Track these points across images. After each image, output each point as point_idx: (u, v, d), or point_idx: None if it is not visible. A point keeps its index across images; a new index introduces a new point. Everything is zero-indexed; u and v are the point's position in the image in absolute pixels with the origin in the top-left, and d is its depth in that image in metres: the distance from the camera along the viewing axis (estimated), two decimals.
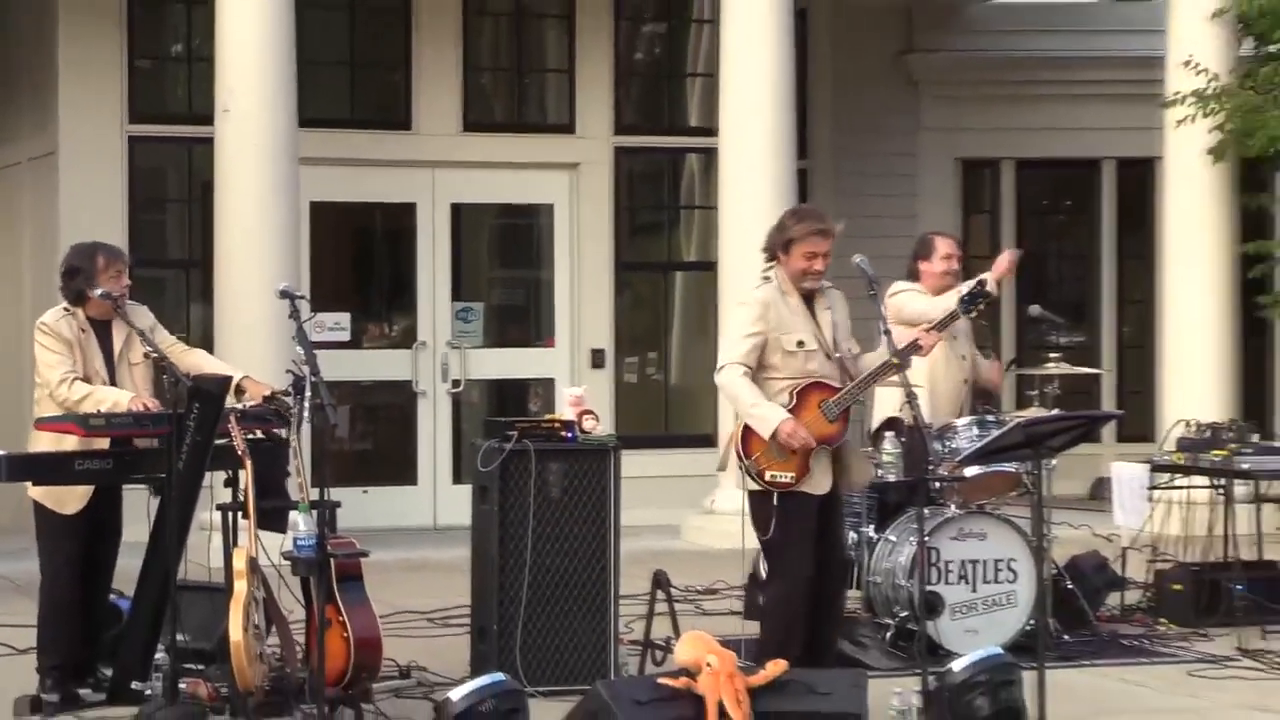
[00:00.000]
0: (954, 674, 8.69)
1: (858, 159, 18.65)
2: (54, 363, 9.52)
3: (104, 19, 16.55)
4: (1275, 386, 19.59)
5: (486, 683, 8.14)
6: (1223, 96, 16.60)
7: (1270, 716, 9.56)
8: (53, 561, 9.70)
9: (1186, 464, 12.34)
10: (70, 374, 9.47)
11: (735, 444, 9.32)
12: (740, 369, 9.25)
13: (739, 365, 9.26)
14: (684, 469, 16.29)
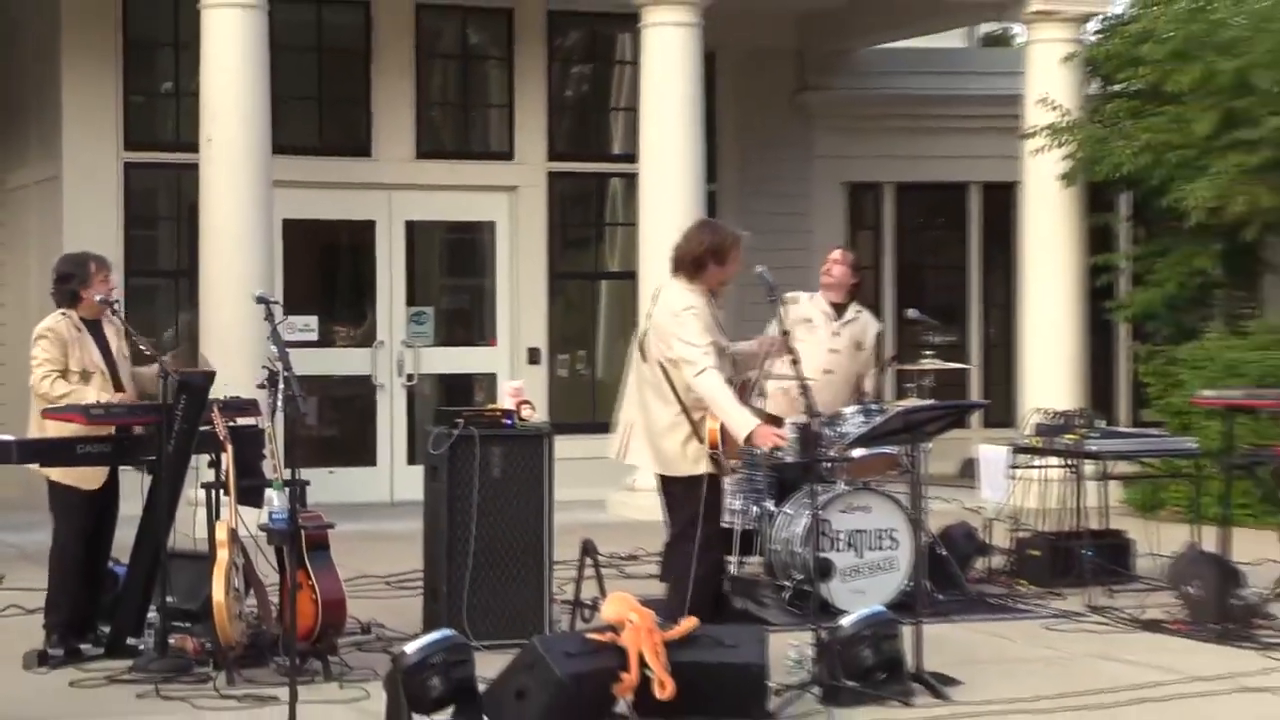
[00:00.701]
0: (843, 629, 8.71)
1: (759, 182, 18.67)
2: (41, 361, 9.55)
3: (102, 59, 16.48)
4: (1119, 379, 19.69)
5: (437, 638, 8.12)
6: (1073, 129, 16.71)
7: (1115, 664, 9.60)
8: (65, 533, 9.71)
9: (1043, 446, 12.40)
10: (53, 372, 9.51)
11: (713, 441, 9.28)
12: (718, 373, 9.21)
13: (717, 370, 9.21)
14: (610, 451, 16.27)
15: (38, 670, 9.33)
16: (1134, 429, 16.35)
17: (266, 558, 9.37)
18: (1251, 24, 15.88)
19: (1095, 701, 8.65)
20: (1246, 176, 15.58)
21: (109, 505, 9.79)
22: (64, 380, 9.51)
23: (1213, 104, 15.93)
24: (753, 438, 9.34)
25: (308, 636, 9.05)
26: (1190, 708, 8.63)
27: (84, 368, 9.62)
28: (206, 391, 9.49)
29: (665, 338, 9.29)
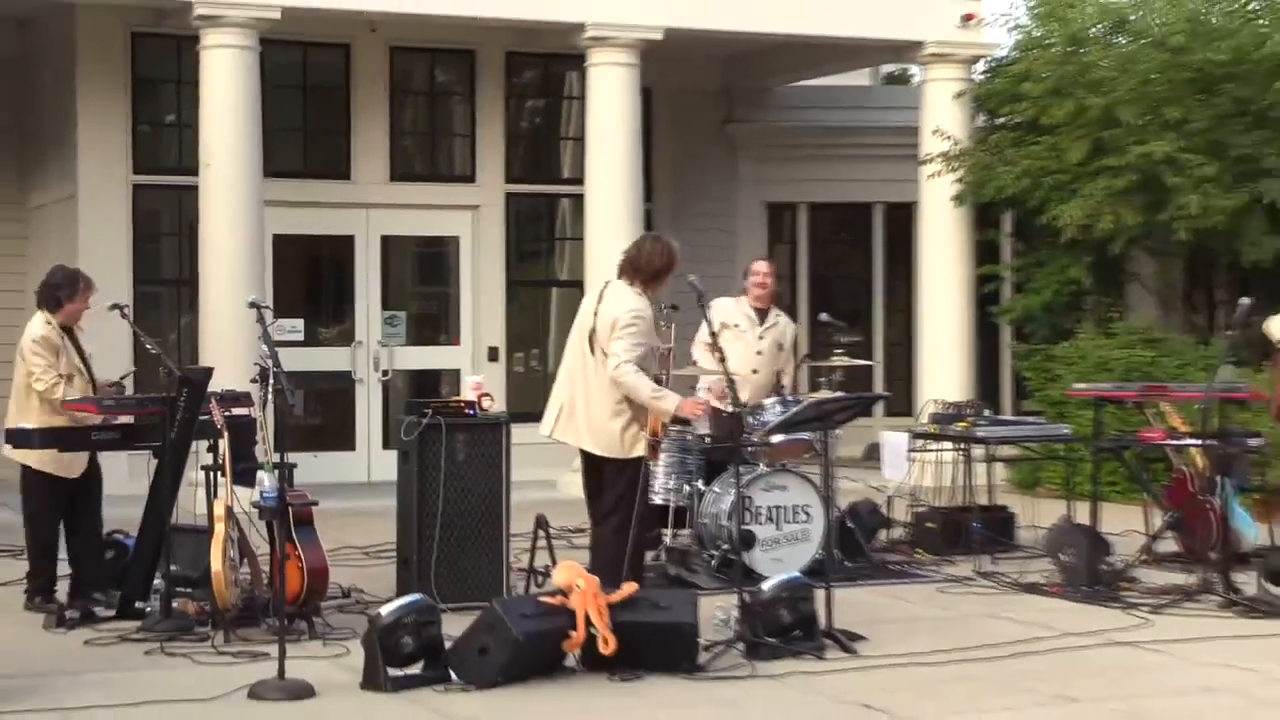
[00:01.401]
0: (764, 592, 8.72)
1: (690, 203, 18.64)
2: (45, 368, 9.66)
3: (113, 93, 16.39)
4: (1003, 374, 19.75)
5: (409, 601, 8.09)
6: (963, 157, 16.76)
7: (1000, 622, 9.63)
8: (36, 509, 9.83)
9: (937, 433, 12.45)
10: (59, 379, 9.65)
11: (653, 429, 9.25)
12: (635, 367, 9.17)
13: (633, 364, 9.17)
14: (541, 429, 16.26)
15: (56, 631, 9.31)
16: (1016, 417, 16.43)
17: (259, 531, 9.36)
18: (1117, 66, 15.95)
19: (983, 654, 8.69)
20: (1113, 198, 15.66)
21: (88, 487, 9.90)
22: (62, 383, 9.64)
23: (1083, 135, 16.00)
24: (680, 411, 9.35)
25: (295, 600, 9.02)
26: (1064, 659, 8.67)
27: (69, 370, 9.77)
28: (205, 386, 9.48)
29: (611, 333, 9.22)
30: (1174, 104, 15.66)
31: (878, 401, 15.47)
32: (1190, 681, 8.15)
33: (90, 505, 9.97)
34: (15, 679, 7.95)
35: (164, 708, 7.49)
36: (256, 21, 14.83)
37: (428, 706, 7.58)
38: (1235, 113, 15.88)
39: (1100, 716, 7.45)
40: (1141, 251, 17.39)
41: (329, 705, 7.61)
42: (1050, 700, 7.73)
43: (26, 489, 9.86)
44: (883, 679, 8.12)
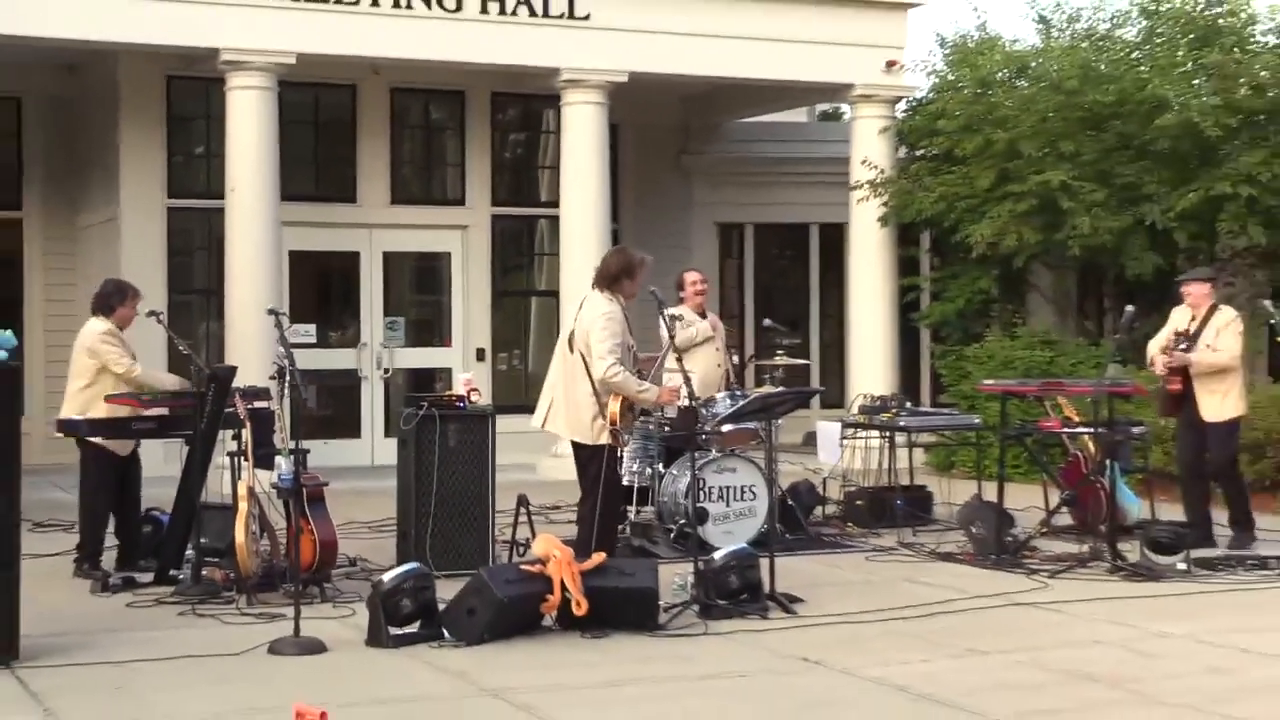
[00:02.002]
0: (715, 561, 8.71)
1: (651, 223, 18.62)
2: (119, 357, 9.78)
3: (150, 128, 16.33)
4: (922, 371, 19.79)
5: (407, 569, 8.08)
6: (887, 184, 16.80)
7: (920, 586, 9.65)
8: (95, 487, 9.83)
9: (866, 422, 12.45)
10: (134, 363, 9.81)
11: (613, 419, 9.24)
12: (621, 367, 9.18)
13: (619, 365, 9.18)
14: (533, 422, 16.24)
15: (101, 595, 9.28)
16: (933, 409, 16.46)
17: (277, 508, 9.31)
18: (1019, 106, 16.01)
19: (905, 614, 8.70)
20: (1016, 219, 15.71)
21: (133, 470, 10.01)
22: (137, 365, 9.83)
23: (990, 165, 16.05)
24: (660, 400, 9.40)
25: (308, 569, 9.00)
26: (975, 617, 8.69)
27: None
28: (230, 382, 9.46)
29: (587, 337, 9.24)
30: (1068, 139, 15.73)
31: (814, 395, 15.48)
32: (1082, 636, 8.17)
33: (133, 486, 10.05)
34: (68, 636, 7.93)
35: (196, 661, 7.47)
36: (275, 66, 14.81)
37: (423, 660, 7.57)
38: (1120, 146, 15.96)
39: (1005, 666, 7.47)
40: (1040, 265, 17.45)
41: (338, 659, 7.59)
42: (963, 653, 7.75)
43: (86, 467, 9.85)
44: (819, 635, 8.13)
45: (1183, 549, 10.08)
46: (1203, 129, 15.06)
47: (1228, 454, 11.05)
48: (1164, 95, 15.28)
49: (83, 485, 9.90)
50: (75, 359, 9.94)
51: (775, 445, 10.18)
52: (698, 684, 7.13)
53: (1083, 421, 11.37)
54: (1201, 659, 7.63)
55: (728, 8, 16.21)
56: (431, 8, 15.28)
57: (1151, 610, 8.85)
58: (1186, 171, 15.68)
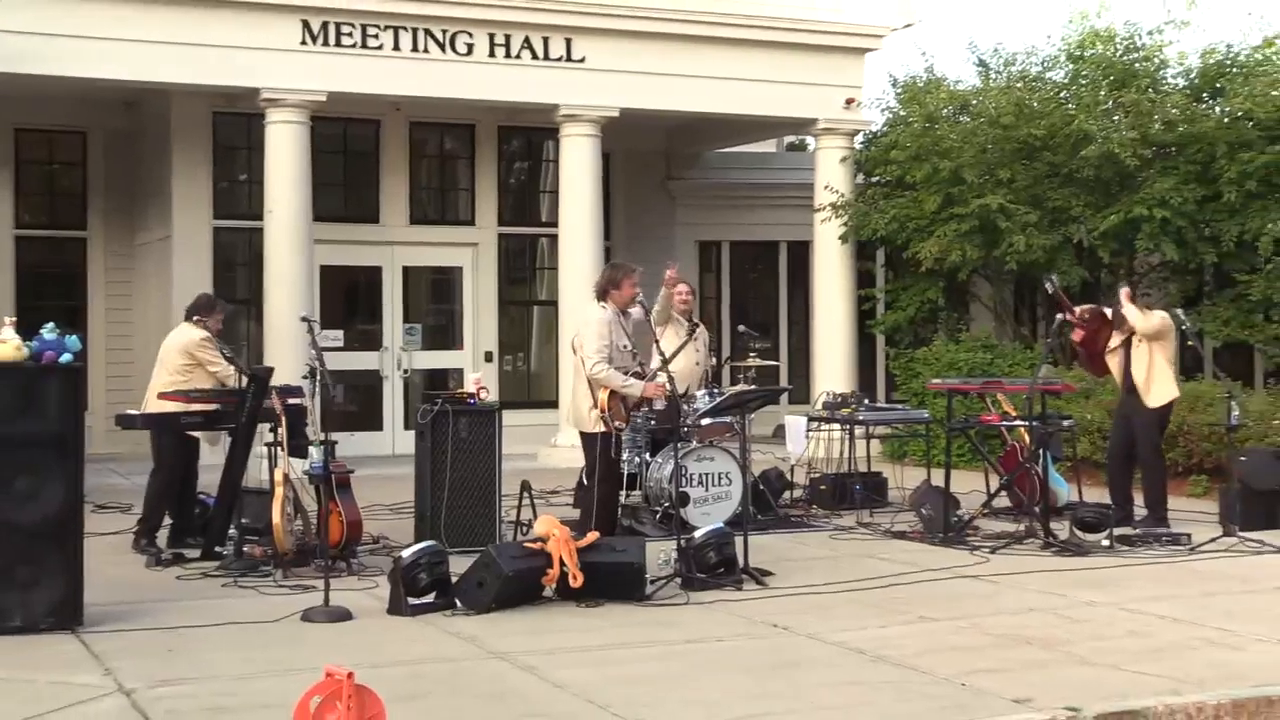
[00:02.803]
0: (695, 539, 8.68)
1: (639, 240, 18.60)
2: (215, 358, 9.81)
3: (199, 156, 16.32)
4: (878, 372, 19.78)
5: (424, 546, 8.05)
6: (846, 206, 16.80)
7: (876, 560, 9.62)
8: (167, 472, 9.82)
9: (828, 416, 12.45)
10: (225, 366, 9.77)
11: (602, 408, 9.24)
12: (606, 365, 9.18)
13: (604, 362, 9.17)
14: (539, 421, 16.27)
15: (155, 568, 9.24)
16: (888, 405, 16.42)
17: (309, 493, 9.28)
18: (961, 138, 16.00)
19: (863, 585, 8.68)
20: (959, 238, 15.71)
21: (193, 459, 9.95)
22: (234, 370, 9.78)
23: (937, 190, 16.04)
24: (645, 393, 9.41)
25: (337, 546, 8.97)
26: (924, 588, 8.67)
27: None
28: (268, 381, 9.42)
29: (581, 341, 9.29)
30: (1004, 167, 15.74)
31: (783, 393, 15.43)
32: (1017, 604, 8.15)
33: (191, 473, 10.00)
34: (126, 605, 7.89)
35: (238, 627, 7.43)
36: (308, 103, 14.79)
37: (438, 626, 7.53)
38: (1050, 174, 15.97)
39: (950, 630, 7.45)
40: (981, 278, 17.45)
41: (364, 625, 7.55)
42: (914, 619, 7.73)
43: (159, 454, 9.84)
44: (787, 604, 8.10)
45: (1106, 528, 10.07)
46: (1122, 159, 15.09)
47: (1151, 441, 11.01)
48: (1088, 129, 15.29)
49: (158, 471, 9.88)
50: (168, 358, 9.86)
51: (748, 437, 10.15)
52: (680, 647, 7.10)
53: (1018, 415, 11.35)
54: (1123, 624, 7.62)
55: (706, 52, 16.20)
56: (446, 52, 15.26)
57: (1079, 582, 8.84)
58: (1108, 196, 15.71)
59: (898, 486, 12.38)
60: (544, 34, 15.59)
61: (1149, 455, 11.01)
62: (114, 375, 17.06)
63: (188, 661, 6.72)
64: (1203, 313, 15.94)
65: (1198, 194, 15.29)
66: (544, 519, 8.37)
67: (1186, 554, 9.87)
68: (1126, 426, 11.07)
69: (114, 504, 11.71)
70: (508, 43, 15.49)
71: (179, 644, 7.08)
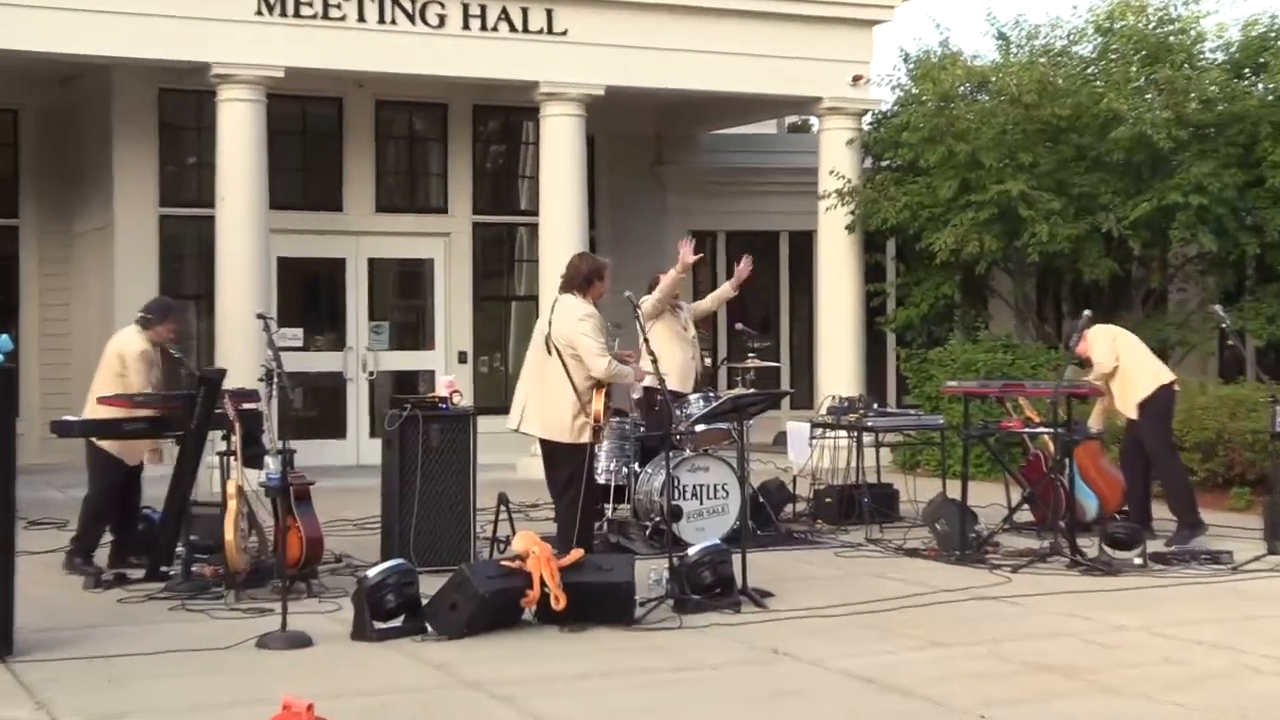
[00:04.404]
0: (689, 557, 8.69)
1: (626, 231, 18.61)
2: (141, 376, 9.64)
3: (143, 138, 16.28)
4: (888, 374, 19.80)
5: (391, 565, 8.04)
6: (853, 193, 16.80)
7: (886, 580, 9.62)
8: (101, 488, 9.75)
9: (834, 422, 12.45)
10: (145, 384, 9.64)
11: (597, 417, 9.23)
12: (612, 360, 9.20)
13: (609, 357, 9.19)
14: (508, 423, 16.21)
15: (94, 590, 9.21)
16: (898, 409, 16.45)
17: (265, 506, 9.23)
18: (979, 119, 16.01)
19: (871, 607, 8.68)
20: (977, 227, 15.72)
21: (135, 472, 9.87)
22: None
23: (952, 175, 16.06)
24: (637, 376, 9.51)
25: (295, 565, 8.94)
26: (938, 610, 8.67)
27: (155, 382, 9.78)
28: (220, 385, 9.40)
29: (570, 339, 9.22)
30: (1026, 150, 15.75)
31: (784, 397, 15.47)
32: (1041, 628, 8.16)
33: (134, 487, 9.96)
34: (61, 631, 7.86)
35: (186, 655, 7.41)
36: (264, 79, 14.76)
37: (407, 653, 7.52)
38: (1076, 157, 16.00)
39: (967, 658, 7.45)
40: (1001, 271, 17.47)
41: (324, 652, 7.53)
42: (927, 645, 7.73)
43: (94, 467, 9.78)
44: (789, 628, 8.10)
45: (1139, 544, 10.09)
46: (1155, 141, 15.11)
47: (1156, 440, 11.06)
48: (1118, 109, 15.31)
49: (90, 483, 9.84)
50: (106, 361, 9.81)
51: (747, 445, 10.15)
52: (672, 675, 7.10)
53: (1042, 421, 11.37)
54: (1156, 650, 7.63)
55: (700, 24, 16.20)
56: (415, 23, 15.24)
57: (1109, 604, 8.85)
58: (1140, 182, 15.73)
59: (910, 499, 12.36)
60: (523, 4, 15.58)
61: (1159, 453, 11.06)
62: (49, 378, 17.03)
63: (130, 693, 6.70)
64: (1244, 309, 15.98)
65: (1239, 179, 15.34)
66: (523, 535, 8.36)
67: (1228, 573, 9.90)
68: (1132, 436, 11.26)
69: (49, 520, 11.68)
70: (483, 14, 15.48)
71: (120, 673, 7.05)
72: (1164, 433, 11.17)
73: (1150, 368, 11.23)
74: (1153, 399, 11.03)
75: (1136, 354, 11.25)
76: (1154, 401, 11.03)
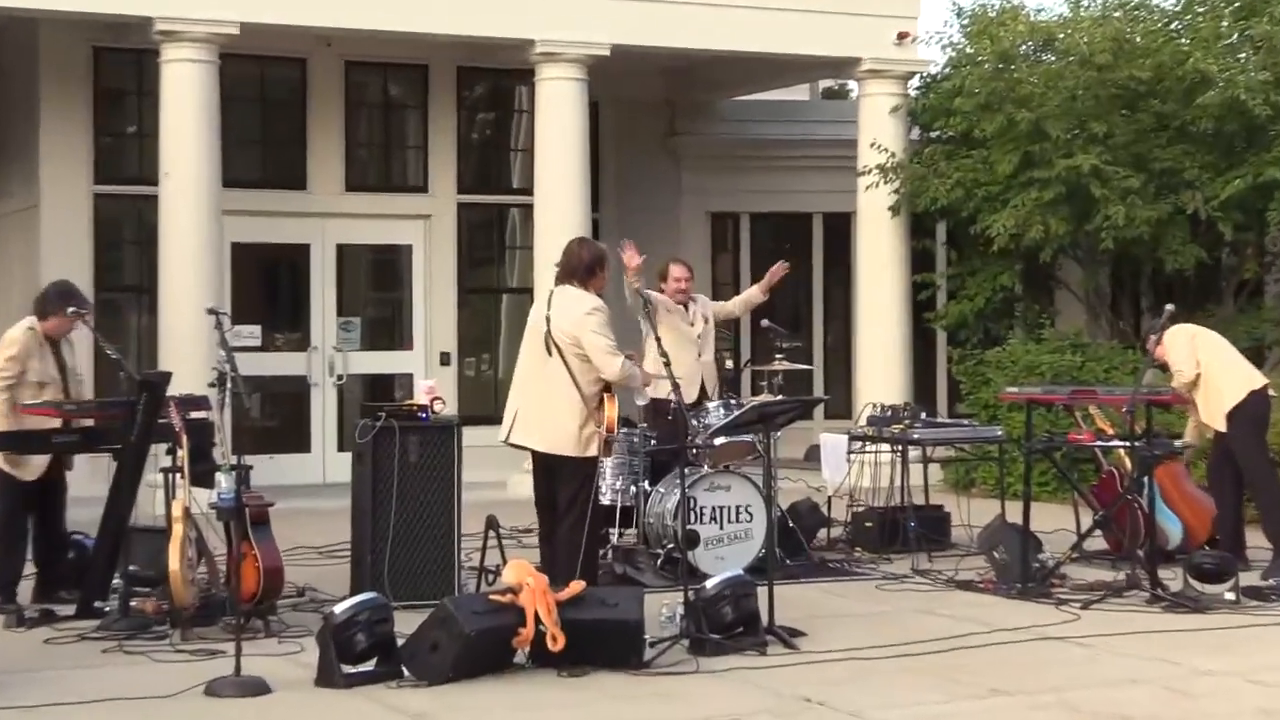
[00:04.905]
0: (707, 590, 8.67)
1: (635, 213, 18.61)
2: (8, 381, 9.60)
3: (75, 104, 16.30)
4: (938, 378, 19.79)
5: (362, 599, 8.03)
6: (898, 169, 16.81)
7: (936, 618, 9.61)
8: (6, 511, 9.68)
9: (875, 434, 12.43)
10: (11, 380, 9.56)
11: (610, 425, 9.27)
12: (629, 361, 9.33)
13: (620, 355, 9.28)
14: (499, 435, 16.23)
15: (16, 630, 9.20)
16: (950, 419, 16.41)
17: (216, 531, 9.28)
18: (1044, 82, 16.00)
19: (918, 649, 8.66)
20: (1041, 209, 15.72)
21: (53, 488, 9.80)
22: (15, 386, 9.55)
23: (1013, 148, 16.06)
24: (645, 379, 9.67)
25: (251, 599, 8.96)
26: (997, 653, 8.65)
27: (42, 378, 9.69)
28: (164, 390, 9.40)
29: (576, 336, 9.25)
30: (1099, 119, 15.76)
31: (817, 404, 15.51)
32: (1117, 674, 8.15)
33: (55, 510, 9.88)
34: None
35: (122, 705, 7.40)
36: (215, 36, 14.77)
37: (380, 702, 7.51)
38: (1157, 127, 15.99)
39: (1030, 709, 7.44)
40: (1069, 260, 17.47)
41: (284, 701, 7.53)
42: (984, 693, 7.71)
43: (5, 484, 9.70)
44: (822, 673, 8.09)
45: (1230, 577, 10.06)
46: (1250, 108, 15.09)
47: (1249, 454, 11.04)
48: (1207, 70, 15.29)
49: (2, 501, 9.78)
50: None
51: (774, 460, 10.13)
52: None
53: (1117, 434, 11.34)
54: (1250, 700, 7.61)
55: None
56: None
57: (1194, 645, 8.83)
58: (1232, 155, 15.71)
59: (963, 523, 12.35)
60: None
61: (1253, 469, 11.04)
62: None
63: None
64: None
65: None
66: (515, 565, 8.35)
67: None
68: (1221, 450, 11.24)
69: None
70: None
71: None
72: (1258, 445, 11.14)
73: (1240, 371, 11.21)
74: (1242, 406, 11.00)
75: (1222, 356, 11.23)
76: (1244, 409, 11.01)
